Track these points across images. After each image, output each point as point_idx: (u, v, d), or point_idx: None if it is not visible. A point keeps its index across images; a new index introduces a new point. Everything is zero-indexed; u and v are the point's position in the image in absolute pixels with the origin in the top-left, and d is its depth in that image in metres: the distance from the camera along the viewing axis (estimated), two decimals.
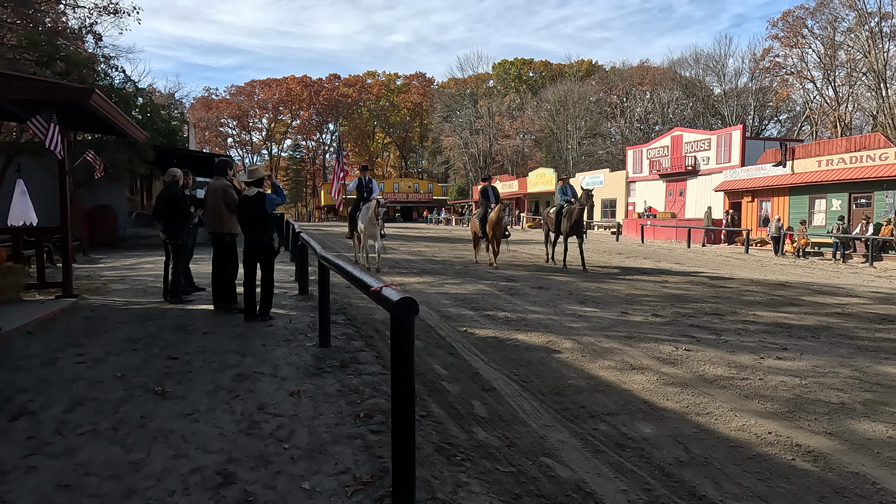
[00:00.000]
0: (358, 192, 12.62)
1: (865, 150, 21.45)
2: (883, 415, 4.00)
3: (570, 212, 13.03)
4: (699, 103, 52.50)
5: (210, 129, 78.21)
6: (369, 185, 12.59)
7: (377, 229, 11.50)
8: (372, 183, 12.67)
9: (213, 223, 6.89)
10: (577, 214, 12.82)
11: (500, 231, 12.73)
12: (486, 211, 13.12)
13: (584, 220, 13.03)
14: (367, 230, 11.58)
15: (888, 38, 40.73)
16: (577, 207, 12.82)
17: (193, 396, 4.00)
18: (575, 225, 12.97)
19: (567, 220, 13.08)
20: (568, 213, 13.12)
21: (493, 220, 12.70)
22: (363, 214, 11.84)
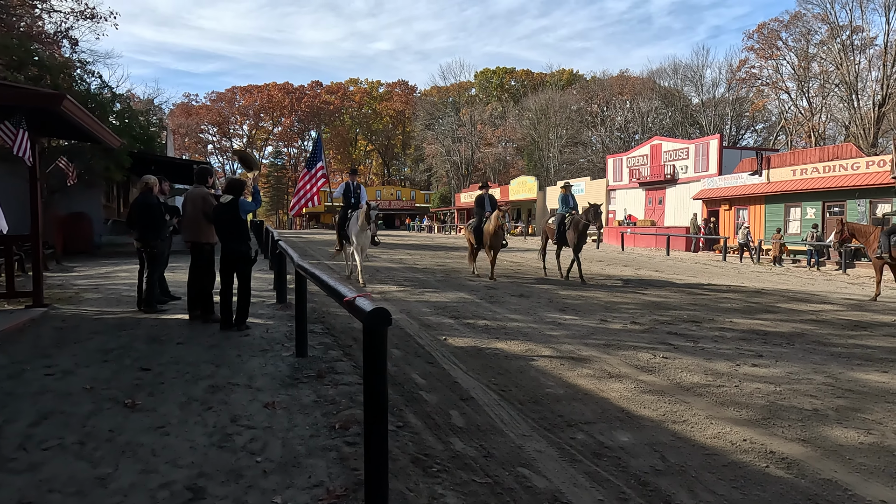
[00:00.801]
0: (345, 198, 11.46)
1: (838, 160, 21.94)
2: (854, 421, 4.05)
3: (575, 223, 12.35)
4: (678, 113, 53.33)
5: (190, 136, 77.43)
6: (357, 190, 11.49)
7: (367, 238, 10.61)
8: (360, 189, 11.57)
9: (191, 232, 6.79)
10: (584, 227, 12.26)
11: (498, 242, 11.91)
12: (482, 220, 12.26)
13: (587, 234, 12.57)
14: (358, 239, 10.61)
15: (859, 50, 41.83)
16: (582, 220, 12.21)
17: (165, 409, 3.92)
18: (581, 237, 12.38)
19: (574, 232, 12.36)
20: (573, 224, 12.40)
21: (490, 232, 11.79)
22: (352, 224, 10.83)
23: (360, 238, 10.55)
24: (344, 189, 11.50)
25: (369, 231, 10.45)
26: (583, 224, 12.23)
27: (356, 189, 11.44)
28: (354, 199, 11.32)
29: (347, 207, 11.33)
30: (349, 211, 11.21)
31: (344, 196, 11.45)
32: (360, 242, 10.61)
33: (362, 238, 10.55)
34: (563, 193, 13.31)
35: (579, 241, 12.36)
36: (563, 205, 13.10)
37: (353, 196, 11.36)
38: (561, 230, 12.77)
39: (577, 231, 12.29)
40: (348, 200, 11.38)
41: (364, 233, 10.49)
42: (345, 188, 11.49)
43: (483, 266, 12.95)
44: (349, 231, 10.98)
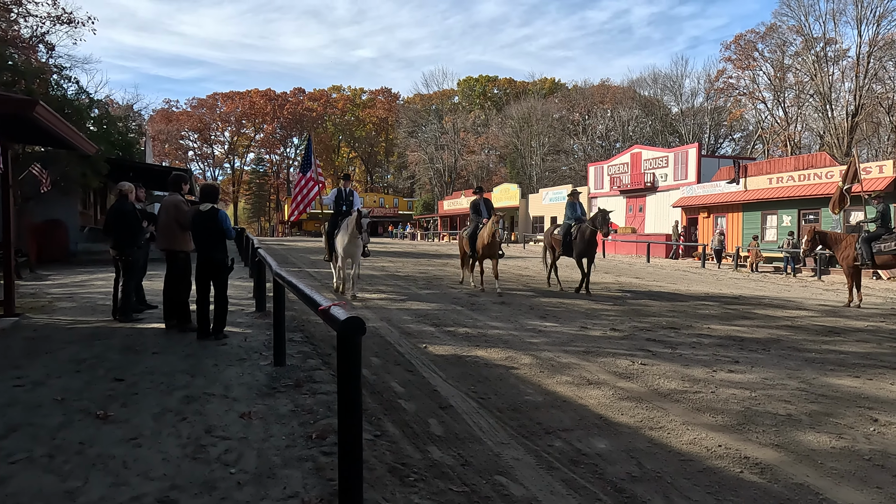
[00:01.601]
0: (336, 205, 10.65)
1: (813, 169, 22.40)
2: (827, 426, 4.12)
3: (581, 232, 11.57)
4: (658, 122, 54.08)
5: (170, 142, 76.58)
6: (350, 197, 10.67)
7: (358, 248, 9.78)
8: (353, 195, 10.75)
9: (165, 240, 6.70)
10: (591, 236, 11.43)
11: (494, 250, 11.15)
12: (478, 227, 11.58)
13: (596, 242, 11.73)
14: (348, 249, 9.77)
15: (832, 62, 42.85)
16: (588, 228, 11.43)
17: (138, 420, 3.85)
18: (589, 247, 11.57)
19: (581, 242, 11.58)
20: (580, 233, 11.60)
21: (485, 238, 11.06)
22: (342, 231, 9.98)
23: (349, 248, 9.76)
24: (335, 196, 10.74)
25: (360, 240, 9.64)
26: (589, 231, 11.45)
27: (349, 195, 10.69)
28: (346, 205, 10.57)
29: (338, 214, 10.54)
30: (340, 218, 10.43)
31: (335, 203, 10.69)
32: (348, 253, 9.84)
33: (351, 248, 9.75)
34: (570, 201, 12.49)
35: (585, 251, 11.56)
36: (570, 213, 12.24)
37: (346, 203, 10.60)
38: (567, 241, 11.97)
39: (583, 241, 11.56)
40: (339, 207, 10.63)
41: (353, 242, 9.67)
42: (336, 194, 10.72)
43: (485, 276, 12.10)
44: (338, 240, 10.18)
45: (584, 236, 11.51)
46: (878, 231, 10.58)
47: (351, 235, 9.55)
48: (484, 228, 11.20)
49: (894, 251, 10.18)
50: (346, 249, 9.77)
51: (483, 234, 11.15)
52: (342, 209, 10.52)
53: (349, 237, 9.59)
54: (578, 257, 11.64)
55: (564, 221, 12.27)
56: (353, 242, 9.63)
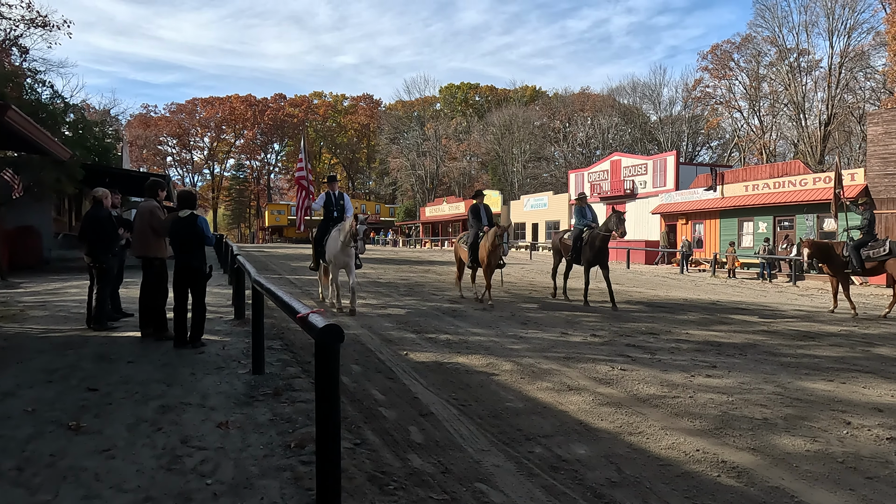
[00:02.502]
0: (326, 210, 9.79)
1: (787, 176, 22.86)
2: (802, 429, 4.18)
3: (592, 238, 10.98)
4: (637, 130, 54.82)
5: (148, 148, 75.54)
6: (341, 200, 9.83)
7: (352, 258, 8.98)
8: (344, 198, 9.90)
9: (140, 247, 6.60)
10: (602, 242, 10.87)
11: (495, 261, 10.35)
12: (478, 235, 10.80)
13: (607, 249, 11.18)
14: (338, 259, 9.01)
15: (805, 72, 43.87)
16: (600, 234, 10.85)
17: (111, 431, 3.77)
18: (599, 253, 10.96)
19: (590, 249, 10.95)
20: (590, 239, 11.01)
21: (488, 248, 10.23)
22: (332, 239, 9.17)
23: (340, 257, 8.96)
24: (324, 201, 9.83)
25: (353, 250, 8.83)
26: (601, 237, 10.85)
27: (339, 199, 9.80)
28: (337, 211, 9.70)
29: (328, 220, 9.69)
30: (330, 224, 9.60)
31: (325, 208, 9.82)
32: (339, 263, 9.06)
33: (343, 257, 8.95)
34: (578, 206, 11.80)
35: (597, 257, 10.95)
36: (580, 218, 11.60)
37: (336, 208, 9.73)
38: (577, 246, 11.30)
39: (593, 247, 10.94)
40: (329, 213, 9.74)
41: (346, 251, 8.85)
42: (325, 199, 9.83)
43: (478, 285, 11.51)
44: (328, 248, 9.30)
45: (594, 242, 10.93)
46: (864, 238, 10.53)
47: (344, 243, 8.81)
48: (485, 238, 10.43)
49: (883, 257, 10.22)
50: (338, 259, 8.99)
51: (484, 243, 10.39)
52: (333, 214, 9.71)
53: (342, 245, 8.85)
54: (588, 264, 11.06)
55: (575, 226, 11.68)
56: (346, 251, 8.89)
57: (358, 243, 8.60)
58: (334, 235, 9.11)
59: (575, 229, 11.63)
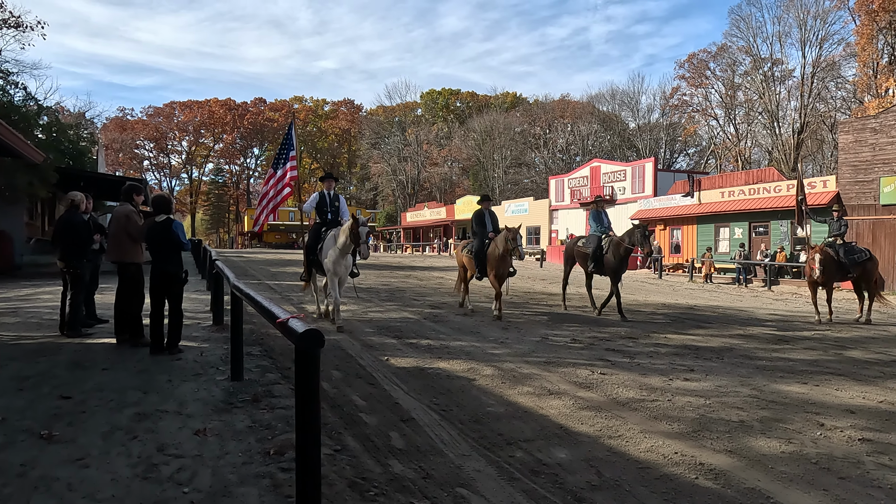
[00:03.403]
0: (319, 212, 8.75)
1: (762, 183, 23.31)
2: (777, 431, 4.26)
3: (615, 246, 10.20)
4: (616, 136, 55.50)
5: (124, 151, 74.36)
6: (335, 202, 8.81)
7: (348, 268, 8.24)
8: (339, 199, 8.93)
9: (115, 252, 6.48)
10: (625, 252, 10.16)
11: (504, 269, 9.58)
12: (484, 242, 9.88)
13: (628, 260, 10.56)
14: (336, 268, 8.08)
15: (779, 81, 44.87)
16: (624, 244, 10.10)
17: (85, 439, 3.69)
18: (621, 264, 10.27)
19: (613, 258, 10.20)
20: (613, 247, 10.22)
21: (497, 255, 9.42)
22: (328, 245, 8.18)
23: (338, 266, 8.07)
24: (317, 201, 8.84)
25: (350, 258, 8.12)
26: (624, 248, 10.10)
27: (333, 200, 8.81)
28: (331, 213, 8.72)
29: (321, 225, 8.69)
30: (323, 229, 8.60)
31: (317, 210, 8.81)
32: (336, 272, 8.12)
33: (340, 267, 8.08)
34: (595, 210, 11.10)
35: (619, 269, 10.26)
36: (596, 224, 10.88)
37: (330, 209, 8.73)
38: (597, 255, 10.46)
39: (617, 256, 10.18)
40: (323, 216, 8.74)
41: (343, 259, 8.03)
42: (318, 199, 8.86)
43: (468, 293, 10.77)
44: (322, 256, 8.30)
45: (618, 251, 10.17)
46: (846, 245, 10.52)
47: (343, 250, 7.93)
48: (494, 244, 9.57)
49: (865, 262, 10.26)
50: (336, 267, 8.11)
51: (492, 251, 9.54)
52: (327, 217, 8.69)
53: (340, 252, 7.98)
54: (614, 274, 10.22)
55: (591, 233, 10.85)
56: (344, 259, 8.09)
57: (361, 248, 7.71)
58: (330, 242, 8.15)
59: (591, 236, 10.82)
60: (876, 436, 4.17)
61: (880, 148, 18.40)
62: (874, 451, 3.87)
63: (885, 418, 4.59)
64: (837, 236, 10.65)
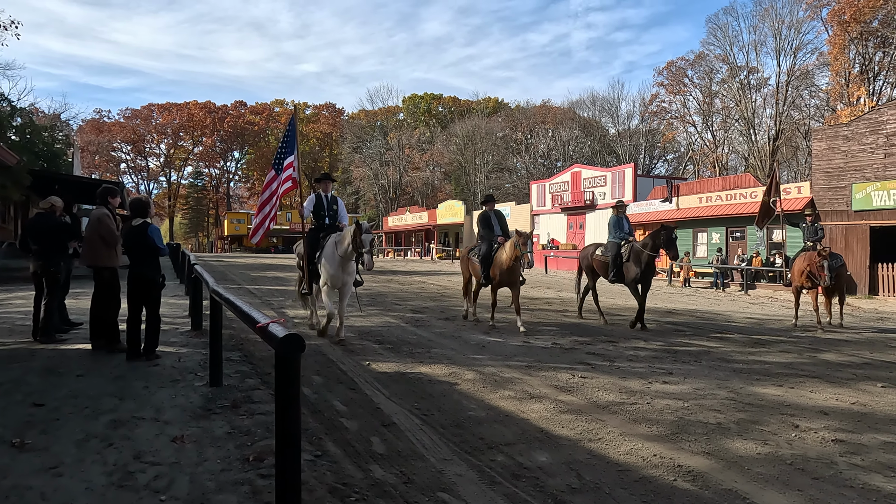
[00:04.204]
0: (316, 216, 8.06)
1: (739, 189, 23.72)
2: (753, 433, 4.33)
3: (636, 253, 9.54)
4: (596, 142, 56.06)
5: (101, 154, 73.11)
6: (334, 205, 8.14)
7: (352, 276, 7.56)
8: (338, 202, 8.25)
9: (89, 256, 6.36)
10: (648, 259, 9.45)
11: (515, 276, 8.88)
12: (492, 246, 9.21)
13: (654, 267, 9.90)
14: (336, 278, 7.35)
15: (755, 89, 45.75)
16: (646, 251, 9.42)
17: (59, 447, 3.61)
18: (646, 271, 9.55)
19: (635, 265, 9.51)
20: (634, 255, 9.56)
21: (506, 262, 8.75)
22: (328, 252, 7.42)
23: (338, 276, 7.33)
24: (314, 203, 8.08)
25: (353, 265, 7.44)
26: (647, 255, 9.43)
27: (331, 203, 8.12)
28: (329, 217, 8.04)
29: (319, 230, 7.97)
30: (321, 235, 7.87)
31: (314, 214, 8.07)
32: (337, 282, 7.38)
33: (340, 276, 7.35)
34: (616, 216, 10.26)
35: (644, 275, 9.55)
36: (616, 230, 10.12)
37: (328, 213, 8.03)
38: (617, 262, 9.79)
39: (639, 264, 9.50)
40: (321, 220, 8.04)
41: (346, 267, 7.34)
42: (315, 202, 8.09)
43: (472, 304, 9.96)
44: (320, 264, 7.55)
45: (639, 257, 9.50)
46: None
47: (344, 258, 7.26)
48: (502, 249, 8.93)
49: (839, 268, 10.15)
50: (336, 277, 7.34)
51: (502, 256, 8.88)
52: (324, 222, 8.01)
53: (341, 260, 7.30)
54: (634, 284, 9.58)
55: (611, 240, 10.17)
56: (346, 267, 7.37)
57: (364, 257, 6.97)
58: (330, 249, 7.44)
59: (611, 244, 10.09)
60: (848, 436, 4.26)
61: (852, 155, 18.85)
62: (847, 452, 3.95)
63: (857, 419, 4.70)
64: (816, 241, 10.53)
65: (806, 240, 10.73)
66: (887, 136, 17.94)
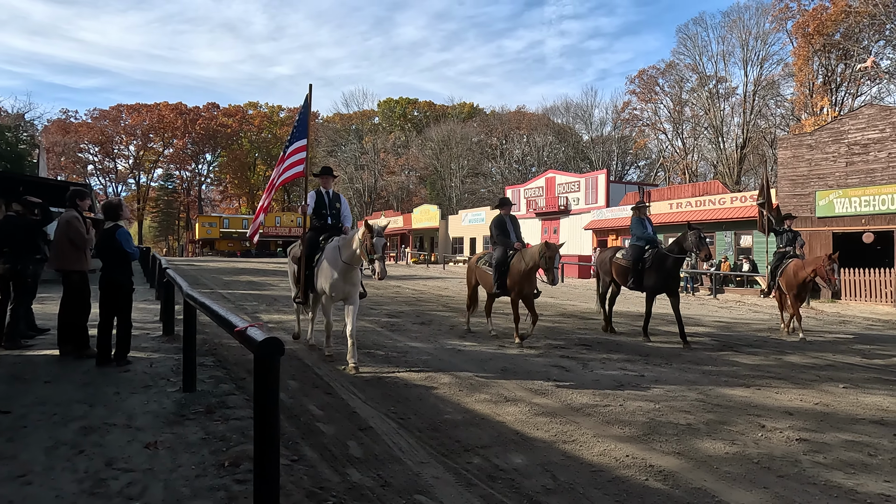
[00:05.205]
0: (316, 215, 7.18)
1: (708, 195, 24.28)
2: (722, 433, 4.45)
3: (659, 258, 8.76)
4: (570, 148, 56.79)
5: (67, 155, 71.30)
6: (336, 203, 7.30)
7: (357, 286, 6.55)
8: (341, 200, 7.42)
9: (57, 259, 6.23)
10: (674, 264, 8.68)
11: (530, 288, 8.08)
12: (507, 254, 8.31)
13: (679, 272, 9.15)
14: (337, 287, 6.37)
15: (723, 98, 46.90)
16: (671, 255, 8.66)
17: (27, 455, 3.54)
18: (669, 278, 8.78)
19: (657, 272, 8.75)
20: (657, 260, 8.77)
21: (520, 272, 7.94)
22: (330, 257, 6.46)
23: (340, 286, 6.35)
24: (315, 201, 7.20)
25: (358, 274, 6.54)
26: (673, 259, 8.64)
27: (333, 200, 7.27)
28: (332, 217, 7.20)
29: (319, 232, 7.08)
30: (321, 238, 7.00)
31: (315, 213, 7.17)
32: (339, 293, 6.41)
33: (342, 286, 6.36)
34: (638, 216, 9.39)
35: (666, 282, 8.79)
36: (641, 230, 9.27)
37: (331, 212, 7.19)
38: (639, 269, 8.99)
39: (661, 268, 8.72)
40: (322, 220, 7.15)
41: (350, 275, 6.36)
42: (316, 199, 7.21)
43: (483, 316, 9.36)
44: (320, 272, 6.58)
45: (663, 263, 8.71)
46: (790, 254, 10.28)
47: (349, 264, 6.29)
48: (519, 256, 8.05)
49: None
50: (338, 286, 6.36)
51: (520, 265, 7.96)
52: (326, 222, 7.13)
53: (344, 265, 6.29)
54: (653, 291, 8.92)
55: (632, 243, 9.35)
56: (351, 276, 6.38)
57: (376, 264, 5.96)
58: (332, 253, 6.49)
59: (633, 248, 9.23)
60: (812, 436, 4.41)
61: (816, 163, 19.46)
62: (810, 450, 4.09)
63: (820, 419, 4.86)
64: (794, 247, 10.37)
65: (785, 245, 10.45)
66: (849, 146, 18.57)
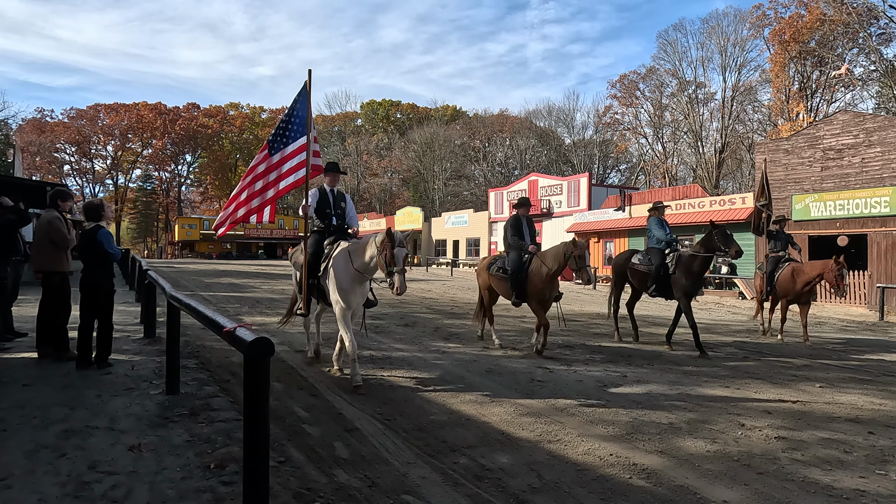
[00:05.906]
0: (320, 215, 6.41)
1: (687, 199, 24.62)
2: (703, 431, 4.53)
3: (687, 262, 8.16)
4: (552, 151, 57.21)
5: (43, 155, 69.89)
6: (341, 202, 6.55)
7: (363, 297, 5.93)
8: (346, 200, 6.65)
9: (38, 261, 6.13)
10: (701, 265, 8.09)
11: (551, 294, 7.49)
12: (522, 258, 7.74)
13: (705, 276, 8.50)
14: (348, 297, 5.63)
15: (702, 103, 47.64)
16: (698, 255, 8.06)
17: (7, 459, 3.48)
18: (697, 282, 8.25)
19: (686, 276, 8.10)
20: (685, 263, 8.18)
21: (541, 277, 7.35)
22: (340, 265, 5.71)
23: (349, 295, 5.64)
24: (318, 200, 6.44)
25: (369, 284, 5.97)
26: (701, 259, 8.07)
27: (339, 200, 6.53)
28: (338, 217, 6.46)
29: (323, 234, 6.34)
30: (326, 242, 6.24)
31: (318, 213, 6.42)
32: (349, 302, 5.66)
33: (354, 296, 5.68)
34: (656, 217, 8.89)
35: (695, 286, 8.26)
36: (660, 232, 8.69)
37: (335, 212, 6.44)
38: (660, 274, 8.39)
39: (689, 272, 8.12)
40: (326, 220, 6.41)
41: (360, 285, 5.72)
42: (319, 198, 6.45)
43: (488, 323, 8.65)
44: (327, 278, 5.83)
45: (690, 266, 8.12)
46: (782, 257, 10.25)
47: (362, 273, 5.62)
48: (537, 260, 7.49)
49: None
50: (349, 296, 5.65)
51: (538, 269, 7.40)
52: (331, 223, 6.40)
53: (355, 276, 5.63)
54: (687, 296, 8.15)
55: (651, 245, 8.81)
56: (361, 286, 5.77)
57: (396, 277, 5.20)
58: (341, 260, 5.74)
59: (652, 250, 8.71)
60: (790, 433, 4.52)
61: (792, 168, 19.86)
62: (788, 448, 4.19)
63: (797, 417, 4.98)
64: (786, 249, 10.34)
65: (779, 249, 10.40)
66: (824, 151, 18.99)
